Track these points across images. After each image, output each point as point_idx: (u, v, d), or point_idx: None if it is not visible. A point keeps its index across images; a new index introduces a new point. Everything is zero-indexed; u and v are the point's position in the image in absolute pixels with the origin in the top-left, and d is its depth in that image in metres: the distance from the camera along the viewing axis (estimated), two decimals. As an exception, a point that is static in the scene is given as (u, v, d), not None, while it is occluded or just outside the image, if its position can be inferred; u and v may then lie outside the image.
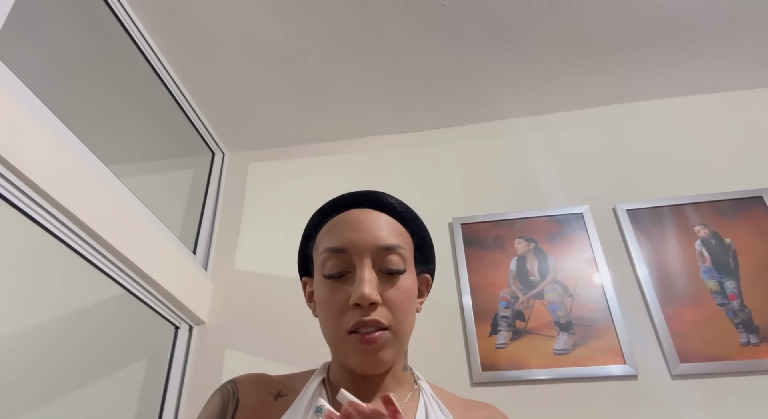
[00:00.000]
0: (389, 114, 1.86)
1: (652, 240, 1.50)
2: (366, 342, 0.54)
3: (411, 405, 0.60)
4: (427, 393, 0.62)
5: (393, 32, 1.53)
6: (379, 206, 0.63)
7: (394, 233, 0.60)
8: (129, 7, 1.44)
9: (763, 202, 1.50)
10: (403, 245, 0.60)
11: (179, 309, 1.48)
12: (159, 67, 1.60)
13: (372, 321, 0.54)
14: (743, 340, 1.30)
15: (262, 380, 0.64)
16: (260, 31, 1.52)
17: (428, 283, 0.69)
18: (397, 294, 0.57)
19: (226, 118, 1.87)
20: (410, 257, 0.62)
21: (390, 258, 0.58)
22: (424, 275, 0.68)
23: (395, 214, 0.63)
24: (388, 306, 0.56)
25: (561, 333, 1.39)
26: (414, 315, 0.61)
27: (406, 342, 0.60)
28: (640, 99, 1.81)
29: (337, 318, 0.56)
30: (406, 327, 0.58)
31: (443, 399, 0.63)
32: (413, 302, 0.60)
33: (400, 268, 0.58)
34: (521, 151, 1.80)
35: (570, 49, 1.60)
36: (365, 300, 0.54)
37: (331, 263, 0.58)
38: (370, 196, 0.64)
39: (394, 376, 0.61)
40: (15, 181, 0.95)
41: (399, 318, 0.56)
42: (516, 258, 1.55)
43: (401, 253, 0.59)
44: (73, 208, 1.06)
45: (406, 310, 0.58)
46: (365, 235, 0.58)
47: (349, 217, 0.61)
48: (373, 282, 0.55)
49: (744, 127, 1.68)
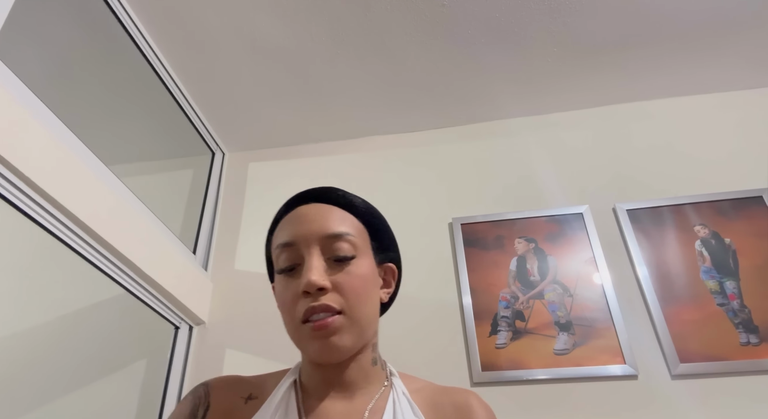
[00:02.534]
0: (389, 114, 1.86)
1: (652, 240, 1.50)
2: (318, 328, 0.54)
3: (379, 405, 0.59)
4: (398, 391, 0.61)
5: (393, 32, 1.53)
6: (328, 199, 0.63)
7: (341, 222, 0.61)
8: (129, 7, 1.44)
9: (763, 202, 1.50)
10: (352, 233, 0.60)
11: (179, 309, 1.48)
12: (159, 67, 1.60)
13: (321, 306, 0.54)
14: (743, 340, 1.30)
15: (234, 383, 0.64)
16: (260, 32, 1.52)
17: (393, 273, 0.69)
18: (348, 279, 0.57)
19: (226, 118, 1.87)
20: (364, 245, 0.62)
21: (339, 246, 0.58)
22: (386, 264, 0.67)
23: (344, 205, 0.64)
24: (339, 291, 0.56)
25: (561, 333, 1.39)
26: (373, 303, 0.61)
27: (366, 329, 0.59)
28: (640, 99, 1.82)
29: (291, 309, 0.57)
30: (363, 312, 0.58)
31: (417, 392, 0.63)
32: (369, 288, 0.60)
33: (348, 255, 0.58)
34: (521, 151, 1.80)
35: (570, 49, 1.60)
36: (312, 286, 0.54)
37: (282, 258, 0.60)
38: (318, 191, 0.65)
39: (362, 372, 0.61)
40: (15, 180, 0.95)
41: (352, 303, 0.56)
42: (516, 258, 1.55)
43: (350, 240, 0.59)
44: (73, 208, 1.06)
45: (359, 295, 0.57)
46: (311, 226, 0.59)
47: (296, 213, 0.62)
48: (320, 269, 0.56)
49: (744, 127, 1.68)
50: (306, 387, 0.61)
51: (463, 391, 0.65)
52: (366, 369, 0.61)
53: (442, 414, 0.60)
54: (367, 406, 0.58)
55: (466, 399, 0.63)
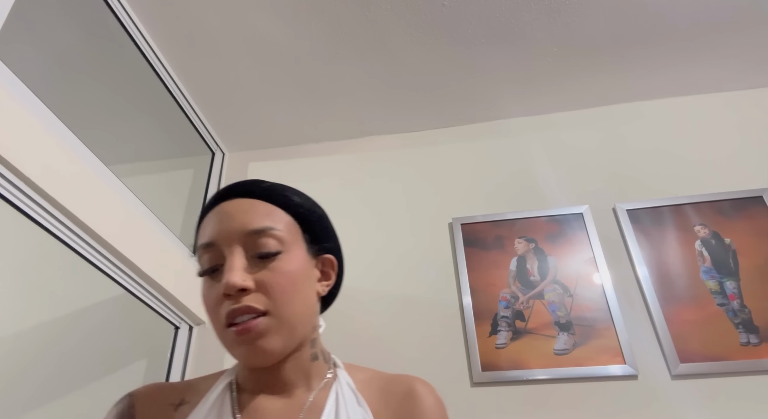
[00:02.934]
0: (389, 114, 1.86)
1: (652, 240, 1.50)
2: (240, 332, 0.51)
3: (320, 399, 0.57)
4: (342, 384, 0.59)
5: (393, 32, 1.53)
6: (251, 193, 0.60)
7: (264, 216, 0.57)
8: (129, 7, 1.44)
9: (763, 201, 1.50)
10: (277, 226, 0.56)
11: (179, 309, 1.48)
12: (159, 67, 1.60)
13: (243, 308, 0.51)
14: (743, 340, 1.30)
15: (160, 391, 0.60)
16: (260, 31, 1.52)
17: (333, 264, 0.65)
18: (273, 277, 0.53)
19: (226, 118, 1.87)
20: (293, 238, 0.58)
21: (262, 242, 0.55)
22: (324, 256, 0.64)
23: (270, 198, 0.60)
24: (263, 291, 0.53)
25: (561, 333, 1.39)
26: (306, 299, 0.57)
27: (297, 328, 0.55)
28: (640, 99, 1.81)
29: (215, 313, 0.54)
30: (292, 310, 0.54)
31: (363, 381, 0.61)
32: (300, 284, 0.56)
33: (272, 250, 0.55)
34: (521, 151, 1.80)
35: (570, 49, 1.60)
36: (231, 288, 0.51)
37: (204, 259, 0.57)
38: (240, 185, 0.61)
39: (299, 368, 0.58)
40: (15, 180, 0.95)
41: (279, 302, 0.53)
42: (516, 258, 1.55)
43: (275, 235, 0.56)
44: (73, 208, 1.06)
45: (287, 292, 0.54)
46: (230, 224, 0.56)
47: (217, 211, 0.58)
48: (240, 269, 0.53)
49: (744, 127, 1.68)
50: (242, 388, 0.59)
51: (409, 378, 0.63)
52: (305, 367, 0.59)
53: (389, 402, 0.59)
54: (306, 401, 0.56)
55: (413, 385, 0.61)
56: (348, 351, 0.79)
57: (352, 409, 0.55)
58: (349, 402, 0.56)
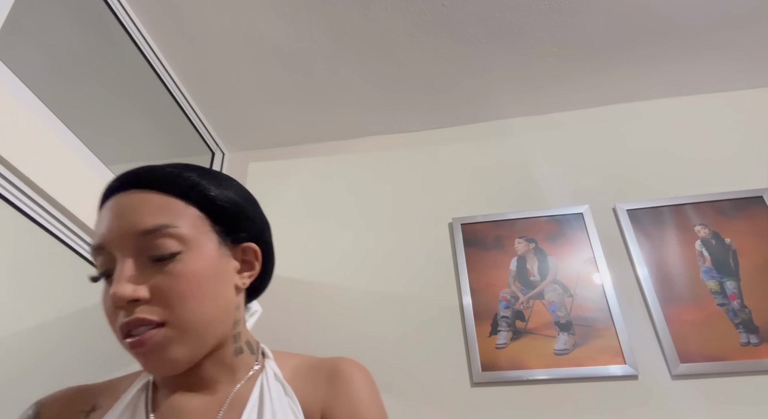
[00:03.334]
0: (389, 114, 1.86)
1: (652, 240, 1.50)
2: (134, 346, 0.46)
3: (244, 392, 0.53)
4: (268, 376, 0.55)
5: (393, 32, 1.53)
6: (143, 184, 0.52)
7: (158, 212, 0.50)
8: (129, 7, 1.44)
9: (763, 201, 1.50)
10: (173, 222, 0.50)
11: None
12: (159, 67, 1.60)
13: (135, 322, 0.46)
14: (743, 340, 1.30)
15: (70, 397, 0.56)
16: (260, 31, 1.52)
17: (256, 253, 0.59)
18: (172, 282, 0.48)
19: (226, 118, 1.87)
20: (198, 233, 0.51)
21: (157, 243, 0.48)
22: (244, 245, 0.57)
23: (165, 188, 0.52)
24: (159, 299, 0.47)
25: (561, 333, 1.39)
26: (216, 299, 0.51)
27: (207, 333, 0.50)
28: (640, 99, 1.81)
29: (112, 323, 0.49)
30: (197, 316, 0.49)
31: (291, 371, 0.58)
32: (206, 285, 0.50)
33: (167, 252, 0.48)
34: (521, 151, 1.80)
35: (570, 49, 1.60)
36: (118, 300, 0.46)
37: (96, 263, 0.51)
38: (130, 175, 0.53)
39: (221, 365, 0.54)
40: (15, 181, 0.95)
41: (179, 309, 0.47)
42: (516, 258, 1.55)
43: (173, 233, 0.49)
44: (73, 208, 1.06)
45: (188, 297, 0.48)
46: (119, 224, 0.49)
47: (105, 208, 0.52)
48: (128, 277, 0.47)
49: (744, 127, 1.68)
50: (160, 387, 0.55)
51: (336, 358, 0.59)
52: (227, 363, 0.55)
53: (317, 386, 0.56)
54: (229, 396, 0.53)
55: (338, 365, 0.58)
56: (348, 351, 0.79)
57: (278, 401, 0.52)
58: (275, 393, 0.53)
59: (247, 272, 0.58)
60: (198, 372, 0.53)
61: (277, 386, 0.54)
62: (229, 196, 0.56)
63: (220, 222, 0.54)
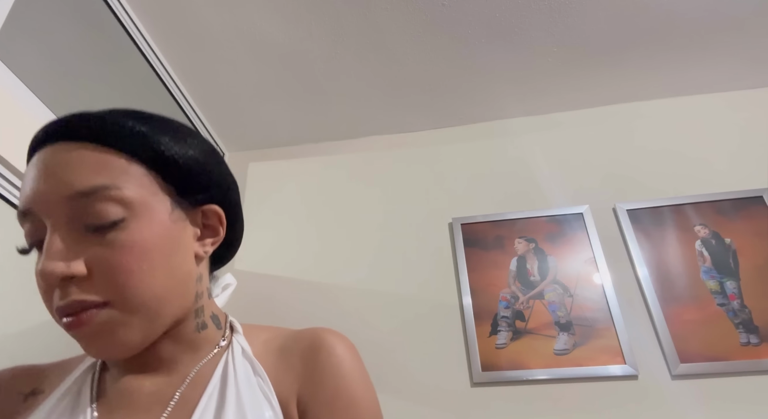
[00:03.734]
0: (389, 114, 1.86)
1: (652, 240, 1.50)
2: (71, 327, 0.40)
3: (205, 372, 0.47)
4: (236, 353, 0.49)
5: (393, 32, 1.53)
6: (76, 135, 0.43)
7: (94, 169, 0.41)
8: (129, 7, 1.44)
9: (763, 201, 1.50)
10: (114, 182, 0.41)
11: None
12: (159, 67, 1.60)
13: (71, 304, 0.39)
14: (743, 340, 1.30)
15: (14, 376, 0.50)
16: (260, 31, 1.52)
17: (218, 216, 0.50)
18: (114, 254, 0.40)
19: (226, 118, 1.87)
20: (146, 194, 0.43)
21: (95, 208, 0.40)
22: (204, 207, 0.49)
23: (104, 139, 0.43)
24: (100, 275, 0.40)
25: (561, 333, 1.39)
26: (174, 269, 0.44)
27: (163, 309, 0.43)
28: (640, 99, 1.81)
29: (47, 303, 0.42)
30: (148, 292, 0.41)
31: (262, 346, 0.51)
32: (159, 255, 0.42)
33: (107, 219, 0.40)
34: (521, 151, 1.80)
35: (570, 49, 1.60)
36: (48, 278, 0.39)
37: (24, 231, 0.44)
38: (61, 125, 0.43)
39: (181, 343, 0.48)
40: (16, 181, 0.95)
41: (124, 286, 0.40)
42: (516, 258, 1.55)
43: (113, 195, 0.41)
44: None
45: (135, 271, 0.40)
46: (47, 186, 0.41)
47: (31, 165, 0.43)
48: (60, 250, 0.39)
49: (744, 127, 1.68)
50: (111, 367, 0.48)
51: (314, 329, 0.53)
52: (189, 340, 0.48)
53: (291, 361, 0.49)
54: (186, 378, 0.46)
55: (317, 336, 0.51)
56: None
57: (244, 380, 0.46)
58: (242, 372, 0.46)
59: (210, 238, 0.50)
60: (154, 350, 0.46)
61: (244, 363, 0.48)
62: (184, 150, 0.46)
63: (173, 182, 0.46)
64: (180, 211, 0.46)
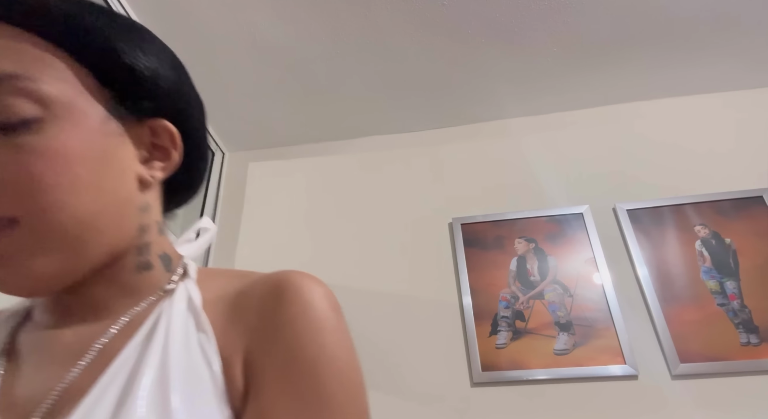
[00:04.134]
0: (389, 114, 1.86)
1: (652, 240, 1.50)
2: None
3: (136, 323, 0.38)
4: (176, 301, 0.39)
5: (393, 32, 1.53)
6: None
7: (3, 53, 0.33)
8: (129, 6, 1.44)
9: (763, 201, 1.50)
10: (27, 72, 0.33)
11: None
12: (159, 66, 1.60)
13: None
14: (743, 340, 1.30)
15: None
16: (260, 31, 1.52)
17: (171, 135, 0.42)
18: (23, 161, 0.32)
19: (226, 118, 1.87)
20: (69, 92, 0.35)
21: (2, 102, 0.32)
22: (153, 121, 0.41)
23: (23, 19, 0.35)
24: (6, 184, 0.32)
25: (561, 333, 1.39)
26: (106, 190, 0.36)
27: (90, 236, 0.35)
28: (640, 99, 1.81)
29: None
30: (65, 213, 0.33)
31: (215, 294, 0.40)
32: (81, 169, 0.34)
33: (16, 117, 0.32)
34: (521, 151, 1.80)
35: (570, 49, 1.60)
36: None
37: None
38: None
39: (116, 283, 0.40)
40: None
41: (35, 199, 0.32)
42: (516, 258, 1.55)
43: (26, 88, 0.33)
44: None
45: (49, 185, 0.33)
46: None
47: None
48: None
49: (744, 127, 1.68)
50: (34, 315, 0.41)
51: (284, 270, 0.41)
52: (125, 281, 0.40)
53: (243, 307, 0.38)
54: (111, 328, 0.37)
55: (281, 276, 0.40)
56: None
57: (179, 336, 0.36)
58: (179, 325, 0.37)
59: (160, 162, 0.42)
60: (82, 292, 0.38)
61: (184, 317, 0.38)
62: (131, 46, 0.38)
63: (112, 84, 0.38)
64: (117, 123, 0.38)
